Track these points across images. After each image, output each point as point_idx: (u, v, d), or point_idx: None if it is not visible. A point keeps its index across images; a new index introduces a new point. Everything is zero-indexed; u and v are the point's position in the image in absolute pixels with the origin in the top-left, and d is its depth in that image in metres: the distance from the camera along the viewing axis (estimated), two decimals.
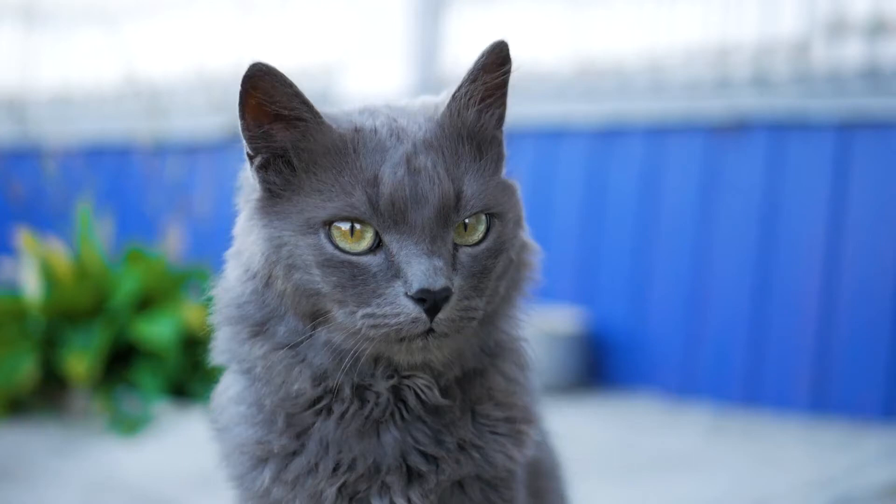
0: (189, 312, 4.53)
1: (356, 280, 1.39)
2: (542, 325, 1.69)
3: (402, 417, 1.48)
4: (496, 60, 1.44)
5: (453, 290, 1.36)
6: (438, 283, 1.34)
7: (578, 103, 5.63)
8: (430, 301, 1.34)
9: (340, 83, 6.34)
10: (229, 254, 1.56)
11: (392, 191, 1.38)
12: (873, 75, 4.77)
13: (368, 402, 1.47)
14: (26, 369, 4.37)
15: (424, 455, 1.48)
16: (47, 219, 5.19)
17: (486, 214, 1.43)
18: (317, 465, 1.50)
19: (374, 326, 1.37)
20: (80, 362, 4.35)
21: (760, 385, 4.81)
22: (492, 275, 1.43)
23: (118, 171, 6.79)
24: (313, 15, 6.79)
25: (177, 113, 6.27)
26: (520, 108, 5.53)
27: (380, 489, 1.49)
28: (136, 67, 6.31)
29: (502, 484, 1.53)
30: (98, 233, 5.03)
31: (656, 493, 3.48)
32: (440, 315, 1.35)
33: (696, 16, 5.41)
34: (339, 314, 1.40)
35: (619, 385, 5.19)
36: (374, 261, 1.39)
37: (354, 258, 1.40)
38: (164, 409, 4.38)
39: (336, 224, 1.40)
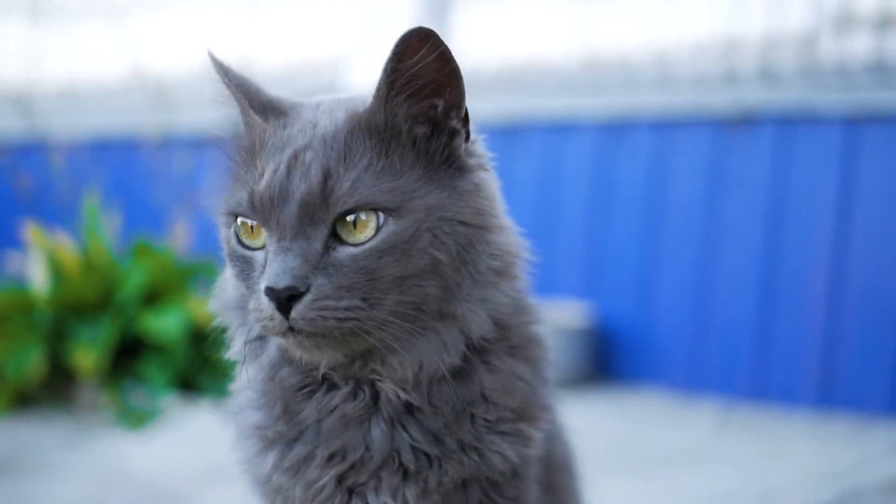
0: (196, 306, 4.53)
1: (246, 274, 1.45)
2: (549, 320, 1.67)
3: (388, 413, 1.48)
4: (409, 49, 1.38)
5: (302, 289, 1.35)
6: (282, 281, 1.34)
7: (585, 97, 5.62)
8: (275, 299, 1.35)
9: (346, 77, 6.34)
10: None
11: (264, 188, 1.40)
12: (881, 69, 4.76)
13: (342, 392, 1.50)
14: (34, 362, 4.38)
15: (423, 454, 1.48)
16: (54, 212, 5.20)
17: (377, 212, 1.38)
18: (313, 453, 1.51)
19: (256, 320, 1.41)
20: (87, 356, 4.35)
21: (768, 380, 4.80)
22: (380, 275, 1.37)
23: (125, 164, 6.79)
24: (320, 8, 6.79)
25: (184, 107, 6.26)
26: (526, 103, 5.63)
27: (376, 484, 1.49)
28: (143, 61, 6.31)
29: (507, 483, 1.52)
30: (105, 226, 5.04)
31: (664, 488, 3.47)
32: (293, 314, 1.35)
33: (702, 9, 5.40)
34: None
35: (625, 379, 5.19)
36: (259, 257, 1.44)
37: (249, 253, 1.45)
38: (171, 403, 4.39)
39: (241, 218, 1.45)
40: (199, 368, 4.59)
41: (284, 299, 1.34)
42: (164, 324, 4.46)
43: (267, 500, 1.61)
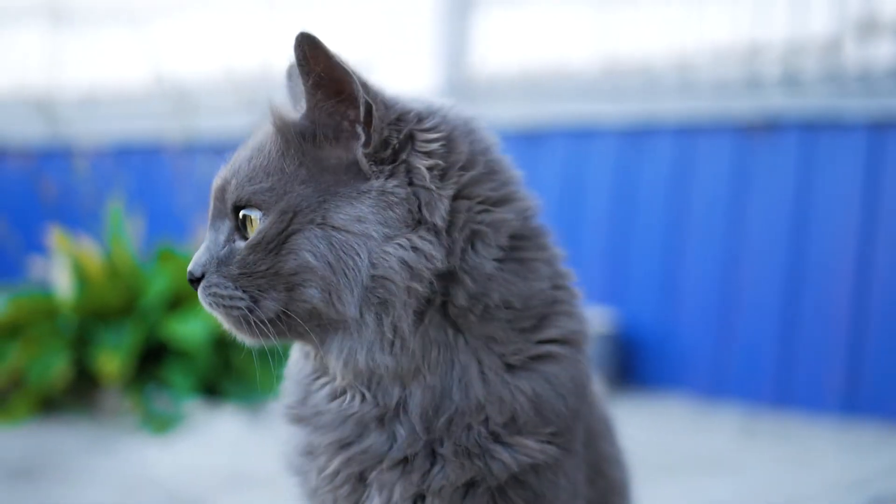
0: None
1: None
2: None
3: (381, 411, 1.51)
4: (299, 54, 1.42)
5: (198, 275, 1.49)
6: (190, 267, 1.50)
7: (607, 103, 5.61)
8: (189, 281, 1.51)
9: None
10: None
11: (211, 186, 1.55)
12: None
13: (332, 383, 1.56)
14: (58, 368, 4.39)
15: (425, 453, 1.49)
16: (78, 218, 5.21)
17: (260, 209, 1.45)
18: (322, 440, 1.55)
19: None
20: (111, 361, 4.36)
21: (791, 386, 4.79)
22: (254, 270, 1.45)
23: (147, 170, 6.82)
24: (341, 14, 6.80)
25: (205, 112, 6.28)
26: (548, 108, 5.62)
27: (378, 477, 1.51)
28: (164, 67, 6.33)
29: (515, 493, 1.50)
30: (129, 232, 5.05)
31: (689, 495, 3.45)
32: (198, 294, 1.51)
33: (725, 14, 5.38)
34: None
35: (648, 385, 5.17)
36: None
37: None
38: (195, 408, 4.40)
39: None
40: (222, 374, 4.60)
41: (189, 282, 1.51)
42: (188, 329, 4.47)
43: (293, 478, 1.66)
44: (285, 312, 1.46)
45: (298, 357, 1.64)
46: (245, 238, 1.47)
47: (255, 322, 1.46)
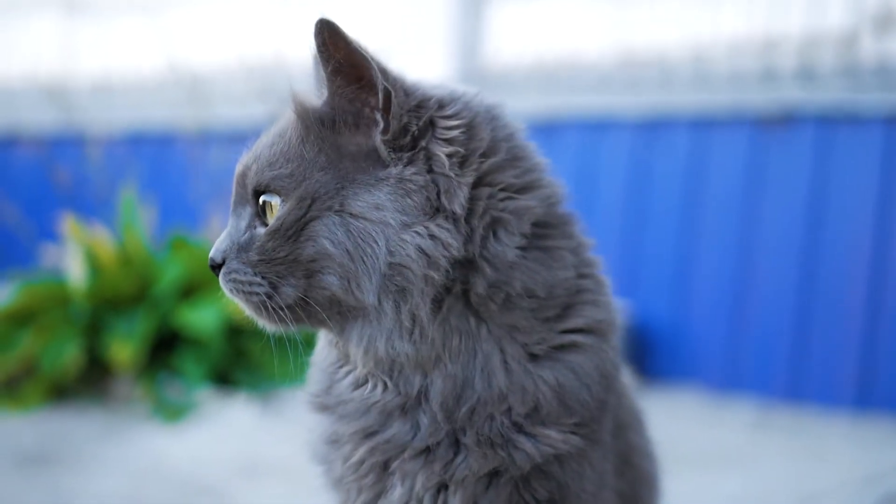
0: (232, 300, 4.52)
1: None
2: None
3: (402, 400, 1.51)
4: (319, 41, 1.43)
5: (218, 261, 1.50)
6: (212, 253, 1.50)
7: (622, 95, 5.59)
8: (211, 268, 1.51)
9: None
10: None
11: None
12: None
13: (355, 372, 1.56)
14: (70, 355, 4.39)
15: (447, 443, 1.48)
16: (91, 206, 5.22)
17: (280, 195, 1.45)
18: (345, 429, 1.55)
19: None
20: (123, 349, 4.36)
21: (805, 380, 4.77)
22: (272, 257, 1.44)
23: (160, 158, 6.82)
24: (356, 4, 6.78)
25: (219, 101, 6.28)
26: (562, 100, 5.60)
27: (401, 466, 1.50)
28: (178, 55, 6.32)
29: (539, 483, 1.49)
30: (141, 220, 5.05)
31: (702, 488, 3.44)
32: (219, 281, 1.51)
33: (740, 7, 5.36)
34: None
35: (661, 378, 5.16)
36: None
37: None
38: (207, 397, 4.39)
39: None
40: (234, 362, 4.60)
41: (210, 268, 1.52)
42: (200, 318, 4.46)
43: (318, 467, 1.66)
44: (304, 299, 1.45)
45: (324, 345, 1.64)
46: (265, 224, 1.47)
47: (274, 308, 1.46)
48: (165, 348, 4.58)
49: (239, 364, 4.59)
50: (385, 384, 1.50)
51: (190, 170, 5.49)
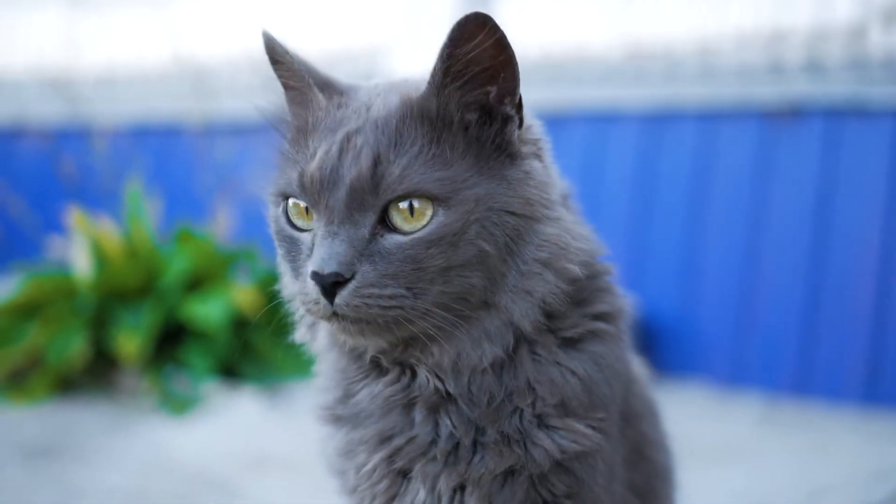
0: (238, 293, 4.53)
1: (291, 255, 1.45)
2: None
3: (428, 399, 1.47)
4: (465, 34, 1.33)
5: (347, 276, 1.34)
6: (328, 267, 1.33)
7: (628, 88, 5.58)
8: (320, 284, 1.34)
9: (386, 65, 6.32)
10: None
11: (314, 170, 1.38)
12: None
13: (387, 377, 1.50)
14: (77, 348, 4.39)
15: (467, 443, 1.46)
16: (97, 198, 5.21)
17: (431, 202, 1.35)
18: (364, 437, 1.53)
19: (302, 303, 1.41)
20: (130, 341, 4.36)
21: (812, 374, 4.76)
22: (427, 265, 1.35)
23: (165, 150, 6.81)
24: None
25: (225, 93, 6.27)
26: (569, 93, 5.58)
27: (420, 470, 1.49)
28: (183, 47, 6.31)
29: (557, 479, 1.48)
30: (147, 212, 5.04)
31: (709, 483, 3.44)
32: (337, 300, 1.35)
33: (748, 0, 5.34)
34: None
35: (668, 372, 5.14)
36: (307, 239, 1.43)
37: (296, 234, 1.44)
38: (213, 390, 4.39)
39: (293, 199, 1.44)
40: (241, 355, 4.59)
41: (329, 285, 1.34)
42: (207, 310, 4.46)
43: (334, 480, 1.63)
44: (431, 308, 1.38)
45: (335, 357, 1.57)
46: (394, 230, 1.37)
47: (405, 320, 1.37)
48: (172, 341, 4.58)
49: (245, 357, 4.59)
50: (409, 387, 1.48)
51: (195, 162, 5.48)
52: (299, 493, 3.26)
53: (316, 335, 1.57)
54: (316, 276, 1.34)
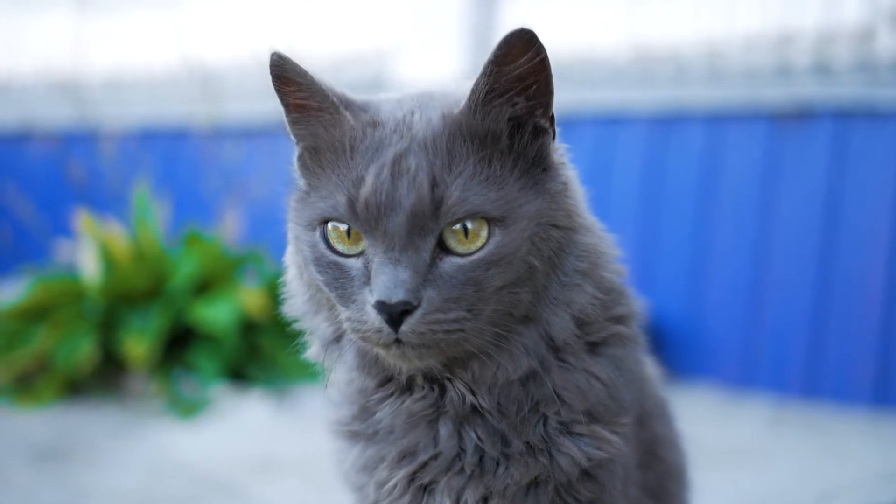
0: (246, 296, 4.53)
1: (339, 281, 1.39)
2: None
3: (455, 413, 1.45)
4: (513, 51, 1.32)
5: (415, 304, 1.31)
6: (396, 296, 1.30)
7: (636, 90, 5.57)
8: (387, 313, 1.31)
9: (394, 69, 6.32)
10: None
11: (368, 194, 1.34)
12: None
13: (415, 394, 1.47)
14: (85, 351, 4.40)
15: (490, 455, 1.46)
16: (105, 201, 5.22)
17: (487, 222, 1.34)
18: (385, 454, 1.51)
19: (353, 330, 1.37)
20: (138, 344, 4.36)
21: (821, 377, 4.74)
22: (486, 286, 1.34)
23: (173, 154, 6.82)
24: (369, 0, 6.77)
25: (232, 97, 6.27)
26: (576, 95, 5.57)
27: (445, 485, 1.47)
28: (191, 50, 6.32)
29: (582, 486, 1.47)
30: (155, 215, 5.05)
31: (718, 485, 3.42)
32: (403, 327, 1.31)
33: (755, 2, 5.33)
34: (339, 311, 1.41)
35: (677, 375, 5.13)
36: (356, 264, 1.38)
37: (341, 259, 1.39)
38: (221, 393, 4.40)
39: (333, 224, 1.39)
40: (249, 358, 4.60)
41: (397, 314, 1.31)
42: (215, 313, 4.47)
43: (351, 494, 1.61)
44: (487, 323, 1.37)
45: (352, 372, 1.53)
46: (451, 253, 1.35)
47: (464, 341, 1.36)
48: (180, 344, 4.59)
49: (253, 360, 4.59)
50: (442, 395, 1.46)
51: (203, 165, 5.49)
52: (307, 496, 3.26)
53: (332, 354, 1.52)
54: (383, 305, 1.31)
